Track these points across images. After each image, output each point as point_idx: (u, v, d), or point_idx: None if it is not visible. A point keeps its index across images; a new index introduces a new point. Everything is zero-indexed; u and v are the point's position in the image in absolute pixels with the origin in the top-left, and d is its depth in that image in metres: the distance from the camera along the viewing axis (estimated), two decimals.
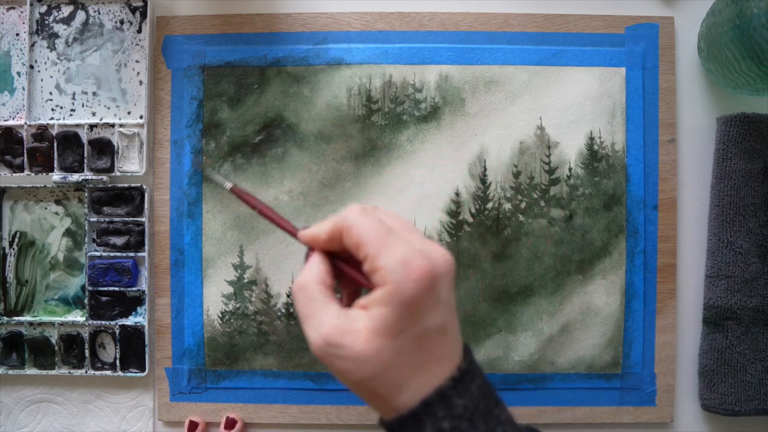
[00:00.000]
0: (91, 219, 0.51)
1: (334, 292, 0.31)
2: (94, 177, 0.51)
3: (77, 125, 0.51)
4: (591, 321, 0.50)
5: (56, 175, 0.50)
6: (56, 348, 0.51)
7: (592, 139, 0.50)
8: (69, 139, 0.51)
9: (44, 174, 0.51)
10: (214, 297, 0.51)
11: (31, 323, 0.51)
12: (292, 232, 0.36)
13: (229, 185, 0.44)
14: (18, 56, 0.52)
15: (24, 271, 0.52)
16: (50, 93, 0.51)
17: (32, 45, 0.51)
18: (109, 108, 0.51)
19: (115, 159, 0.51)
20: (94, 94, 0.51)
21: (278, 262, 0.50)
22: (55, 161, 0.50)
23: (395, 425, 0.30)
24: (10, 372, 0.51)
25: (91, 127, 0.51)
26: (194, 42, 0.51)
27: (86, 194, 0.51)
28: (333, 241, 0.31)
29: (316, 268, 0.32)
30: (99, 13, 0.51)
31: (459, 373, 0.29)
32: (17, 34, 0.51)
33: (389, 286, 0.28)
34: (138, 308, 0.51)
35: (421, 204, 0.50)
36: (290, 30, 0.51)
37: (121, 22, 0.51)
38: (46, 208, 0.52)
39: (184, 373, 0.51)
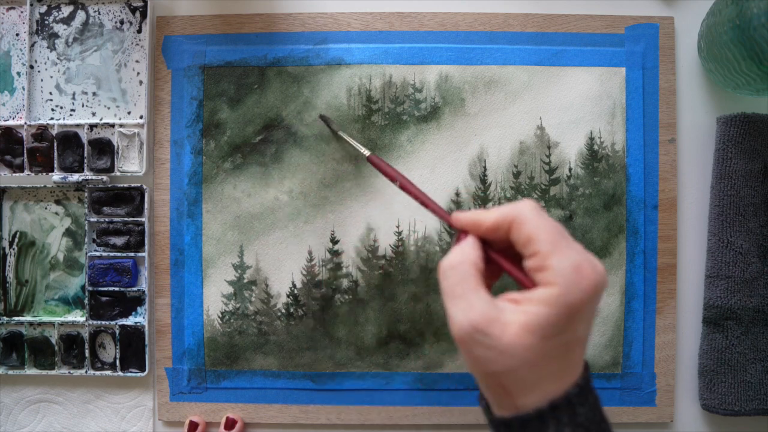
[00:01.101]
0: (91, 219, 0.51)
1: (484, 279, 0.31)
2: (94, 177, 0.51)
3: (77, 125, 0.51)
4: None
5: (56, 175, 0.50)
6: (56, 348, 0.51)
7: (592, 139, 0.50)
8: (69, 139, 0.51)
9: (44, 174, 0.51)
10: (214, 297, 0.51)
11: (31, 323, 0.51)
12: (444, 217, 0.35)
13: (366, 153, 0.44)
14: (18, 56, 0.52)
15: (24, 271, 0.52)
16: (50, 93, 0.51)
17: (32, 45, 0.51)
18: (109, 108, 0.51)
19: (115, 159, 0.51)
20: (94, 94, 0.51)
21: (278, 262, 0.51)
22: (55, 161, 0.50)
23: (515, 423, 0.29)
24: (10, 372, 0.51)
25: (91, 127, 0.51)
26: (194, 42, 0.51)
27: (86, 194, 0.51)
28: (497, 230, 0.31)
29: (472, 251, 0.31)
30: (99, 13, 0.51)
31: (584, 381, 0.30)
32: (17, 34, 0.52)
33: (556, 288, 0.28)
34: (138, 308, 0.51)
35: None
36: (290, 30, 0.51)
37: (121, 22, 0.51)
38: (46, 208, 0.52)
39: (184, 373, 0.51)
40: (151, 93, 0.51)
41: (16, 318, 0.51)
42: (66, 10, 0.51)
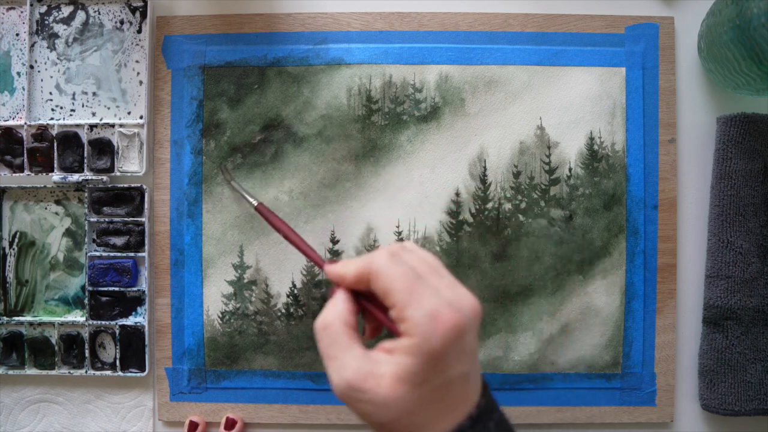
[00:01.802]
0: (91, 219, 0.51)
1: (357, 333, 0.31)
2: (94, 177, 0.51)
3: (77, 125, 0.51)
4: (591, 321, 0.50)
5: (56, 176, 0.50)
6: (56, 348, 0.51)
7: (592, 139, 0.50)
8: (69, 139, 0.51)
9: (44, 174, 0.51)
10: (214, 297, 0.51)
11: (31, 323, 0.51)
12: (319, 264, 0.36)
13: (255, 202, 0.46)
14: (18, 56, 0.52)
15: (24, 271, 0.52)
16: (50, 93, 0.51)
17: (32, 45, 0.51)
18: (109, 108, 0.51)
19: (115, 159, 0.51)
20: (94, 94, 0.51)
21: (278, 262, 0.50)
22: (55, 161, 0.50)
23: None
24: (10, 372, 0.51)
25: (91, 127, 0.51)
26: (194, 42, 0.51)
27: (86, 194, 0.51)
28: (360, 282, 0.31)
29: (341, 306, 0.32)
30: (99, 13, 0.51)
31: (477, 411, 0.30)
32: (17, 34, 0.52)
33: (416, 338, 0.28)
34: (138, 308, 0.51)
35: (421, 204, 0.50)
36: (290, 30, 0.51)
37: (121, 22, 0.51)
38: (46, 208, 0.52)
39: (184, 373, 0.51)
40: (151, 93, 0.51)
41: (16, 318, 0.51)
42: (66, 10, 0.51)
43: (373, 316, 0.33)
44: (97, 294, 0.51)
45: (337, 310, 0.31)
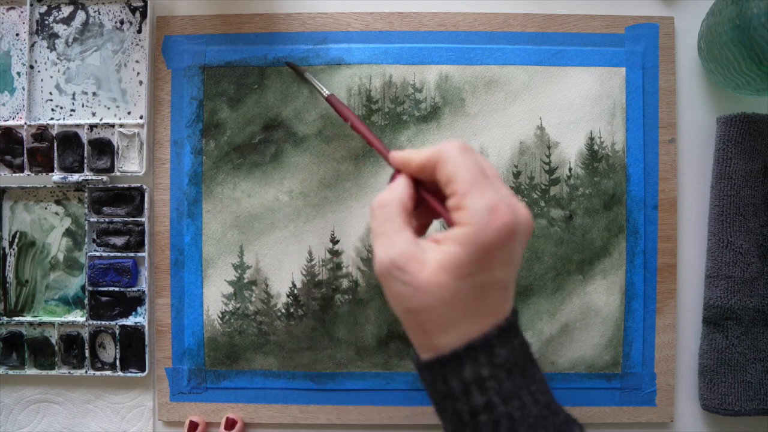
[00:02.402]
0: (91, 219, 0.51)
1: (412, 219, 0.31)
2: (94, 177, 0.51)
3: (77, 125, 0.51)
4: (591, 321, 0.50)
5: (56, 176, 0.50)
6: (56, 348, 0.51)
7: (592, 139, 0.50)
8: (69, 139, 0.51)
9: (44, 174, 0.51)
10: (214, 297, 0.51)
11: (31, 323, 0.51)
12: (384, 153, 0.36)
13: (326, 93, 0.46)
14: (18, 56, 0.52)
15: (24, 271, 0.52)
16: (50, 93, 0.51)
17: (32, 45, 0.51)
18: (109, 108, 0.51)
19: (115, 159, 0.51)
20: (94, 94, 0.51)
21: (278, 262, 0.51)
22: (55, 161, 0.50)
23: (434, 364, 0.30)
24: (10, 372, 0.51)
25: (91, 127, 0.51)
26: (194, 42, 0.51)
27: (86, 194, 0.51)
28: (425, 169, 0.31)
29: (401, 190, 0.32)
30: (99, 13, 0.51)
31: (506, 323, 0.30)
32: (17, 34, 0.52)
33: (470, 228, 0.28)
34: (138, 308, 0.51)
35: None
36: (290, 30, 0.51)
37: (121, 22, 0.51)
38: (46, 208, 0.52)
39: (184, 373, 0.51)
40: (151, 93, 0.51)
41: (16, 318, 0.51)
42: (66, 10, 0.51)
43: (430, 205, 0.33)
44: (97, 294, 0.51)
45: (396, 192, 0.32)
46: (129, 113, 0.51)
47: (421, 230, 0.35)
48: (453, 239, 0.29)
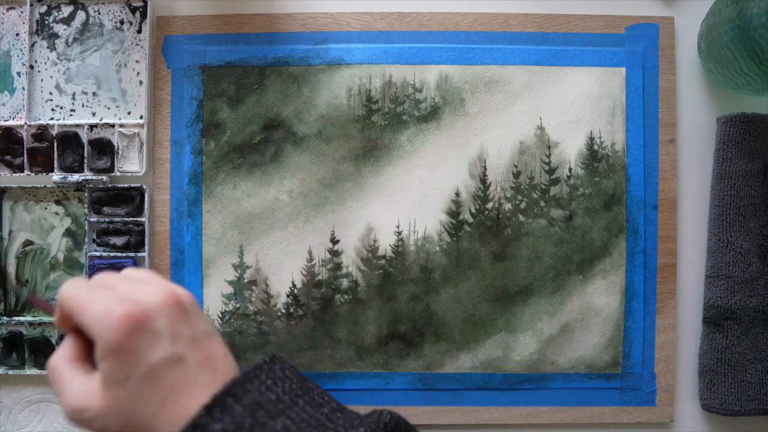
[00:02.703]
0: (91, 219, 0.51)
1: (85, 364, 0.31)
2: (94, 177, 0.51)
3: (77, 125, 0.51)
4: (591, 321, 0.50)
5: (56, 176, 0.50)
6: (56, 348, 0.51)
7: (592, 139, 0.50)
8: (69, 139, 0.51)
9: (44, 174, 0.51)
10: (214, 297, 0.51)
11: (31, 323, 0.51)
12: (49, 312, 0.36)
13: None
14: (18, 56, 0.51)
15: (24, 271, 0.52)
16: (50, 93, 0.51)
17: (32, 45, 0.51)
18: (109, 108, 0.51)
19: (115, 159, 0.51)
20: (94, 94, 0.51)
21: (278, 262, 0.51)
22: (55, 161, 0.50)
23: None
24: (10, 372, 0.51)
25: (91, 127, 0.51)
26: (194, 42, 0.51)
27: (86, 194, 0.51)
28: (66, 319, 0.31)
29: (65, 345, 0.32)
30: (99, 13, 0.51)
31: (213, 399, 0.28)
32: (17, 34, 0.51)
33: (98, 340, 0.28)
34: None
35: (421, 204, 0.50)
36: (290, 30, 0.51)
37: (121, 22, 0.51)
38: (46, 208, 0.52)
39: None
40: (151, 93, 0.51)
41: (16, 318, 0.51)
42: (66, 10, 0.51)
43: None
44: None
45: (60, 351, 0.32)
46: (129, 113, 0.51)
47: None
48: (97, 357, 0.29)
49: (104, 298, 0.29)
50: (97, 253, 0.51)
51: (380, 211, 0.50)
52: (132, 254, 0.51)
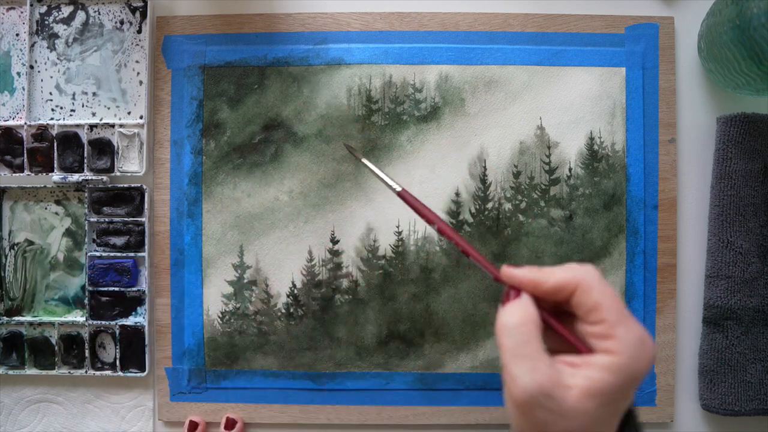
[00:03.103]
0: (91, 219, 0.51)
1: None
2: (94, 177, 0.51)
3: (77, 125, 0.51)
4: None
5: (56, 176, 0.50)
6: (56, 348, 0.51)
7: (592, 139, 0.50)
8: (69, 140, 0.51)
9: (44, 174, 0.51)
10: (214, 297, 0.51)
11: (31, 323, 0.51)
12: (492, 271, 0.34)
13: (398, 188, 0.40)
14: (18, 56, 0.52)
15: (24, 271, 0.52)
16: (50, 93, 0.51)
17: (32, 45, 0.51)
18: (109, 108, 0.51)
19: (115, 159, 0.51)
20: (94, 94, 0.51)
21: (278, 262, 0.51)
22: (55, 161, 0.50)
23: None
24: (10, 372, 0.51)
25: (91, 127, 0.51)
26: (194, 42, 0.51)
27: (86, 194, 0.51)
28: (560, 292, 0.31)
29: (533, 310, 0.31)
30: (99, 14, 0.51)
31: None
32: (17, 34, 0.52)
33: (621, 358, 0.29)
34: (138, 308, 0.51)
35: None
36: (290, 30, 0.51)
37: (121, 23, 0.51)
38: (46, 208, 0.52)
39: (184, 373, 0.51)
40: (151, 93, 0.51)
41: (16, 318, 0.51)
42: (66, 11, 0.51)
43: (556, 331, 0.32)
44: (97, 294, 0.51)
45: (530, 313, 0.31)
46: (129, 113, 0.51)
47: None
48: (602, 367, 0.29)
49: (638, 324, 0.30)
50: (97, 253, 0.51)
51: (380, 211, 0.50)
52: (132, 254, 0.51)
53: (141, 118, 0.51)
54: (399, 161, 0.50)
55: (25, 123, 0.51)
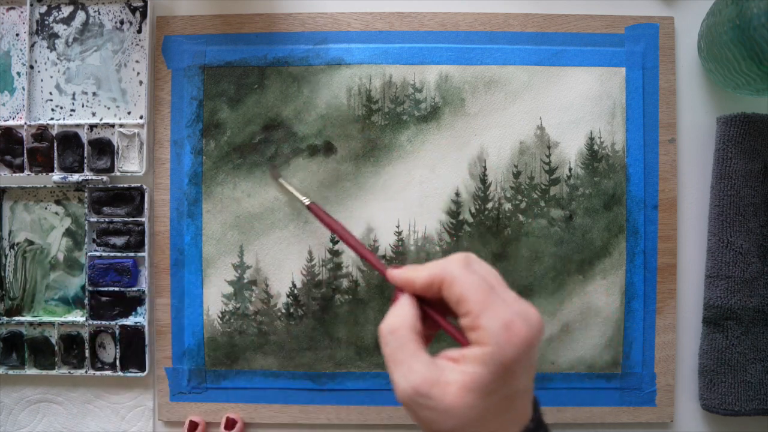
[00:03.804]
0: (91, 219, 0.51)
1: (422, 339, 0.31)
2: (94, 177, 0.51)
3: (77, 125, 0.51)
4: (591, 321, 0.50)
5: (56, 176, 0.50)
6: (56, 348, 0.51)
7: (592, 139, 0.50)
8: (69, 139, 0.51)
9: (44, 174, 0.51)
10: (214, 297, 0.51)
11: (31, 323, 0.51)
12: (380, 269, 0.36)
13: (306, 201, 0.46)
14: (18, 56, 0.52)
15: (24, 271, 0.52)
16: (50, 93, 0.51)
17: (32, 45, 0.51)
18: (109, 108, 0.51)
19: (115, 159, 0.51)
20: (94, 94, 0.51)
21: (278, 262, 0.51)
22: (55, 161, 0.50)
23: None
24: (10, 372, 0.51)
25: (91, 127, 0.51)
26: (194, 42, 0.51)
27: (86, 194, 0.51)
28: (429, 289, 0.31)
29: (409, 312, 0.32)
30: (99, 14, 0.51)
31: (532, 424, 0.30)
32: (17, 34, 0.51)
33: (489, 348, 0.28)
34: (138, 308, 0.51)
35: (421, 204, 0.50)
36: (290, 30, 0.51)
37: (121, 22, 0.51)
38: (46, 208, 0.52)
39: (184, 373, 0.51)
40: (151, 93, 0.51)
41: (16, 318, 0.51)
42: (66, 10, 0.51)
43: (435, 322, 0.33)
44: (97, 294, 0.51)
45: (404, 315, 0.32)
46: (129, 113, 0.51)
47: (427, 341, 0.35)
48: (473, 359, 0.29)
49: (505, 307, 0.29)
50: (97, 253, 0.51)
51: (380, 211, 0.50)
52: (132, 254, 0.51)
53: (141, 118, 0.51)
54: (399, 161, 0.50)
55: (25, 123, 0.51)
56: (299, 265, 0.50)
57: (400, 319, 0.31)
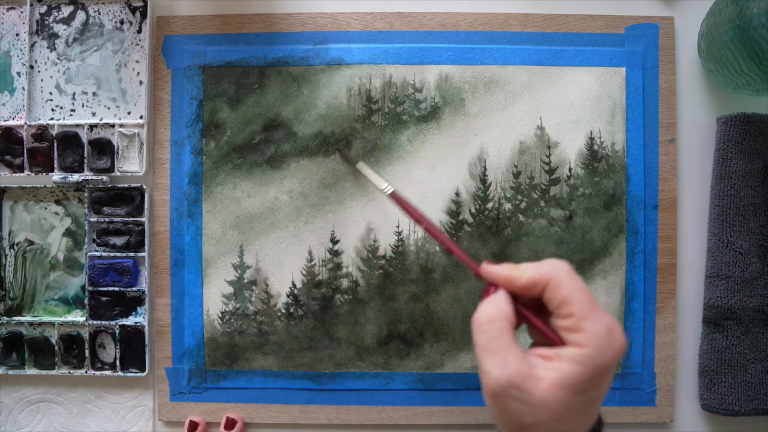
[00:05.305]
0: (91, 219, 0.51)
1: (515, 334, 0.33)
2: (94, 177, 0.51)
3: (77, 125, 0.51)
4: None
5: (56, 175, 0.50)
6: (56, 348, 0.51)
7: (592, 139, 0.50)
8: (69, 139, 0.51)
9: (44, 174, 0.51)
10: (214, 297, 0.51)
11: (31, 323, 0.51)
12: (471, 265, 0.36)
13: (389, 190, 0.45)
14: (18, 56, 0.52)
15: (24, 271, 0.52)
16: (50, 93, 0.51)
17: (32, 45, 0.51)
18: (109, 108, 0.51)
19: (115, 159, 0.51)
20: (94, 94, 0.51)
21: (278, 262, 0.51)
22: (55, 161, 0.50)
23: None
24: (10, 372, 0.51)
25: (91, 127, 0.51)
26: (194, 42, 0.51)
27: (86, 194, 0.51)
28: (533, 288, 0.33)
29: (507, 306, 0.33)
30: (99, 14, 0.51)
31: (597, 427, 0.33)
32: (17, 34, 0.52)
33: (589, 350, 0.30)
34: (138, 308, 0.51)
35: (421, 204, 0.50)
36: (290, 30, 0.51)
37: (121, 22, 0.51)
38: (46, 208, 0.52)
39: (184, 373, 0.51)
40: (151, 93, 0.51)
41: (16, 318, 0.51)
42: (66, 10, 0.51)
43: (526, 319, 0.34)
44: (97, 294, 0.51)
45: (503, 308, 0.33)
46: (129, 113, 0.51)
47: None
48: (570, 359, 0.30)
49: (607, 315, 0.31)
50: (97, 253, 0.51)
51: (380, 211, 0.50)
52: (132, 254, 0.51)
53: (141, 118, 0.51)
54: (399, 161, 0.50)
55: (25, 123, 0.51)
56: (299, 265, 0.50)
57: (498, 310, 0.32)
